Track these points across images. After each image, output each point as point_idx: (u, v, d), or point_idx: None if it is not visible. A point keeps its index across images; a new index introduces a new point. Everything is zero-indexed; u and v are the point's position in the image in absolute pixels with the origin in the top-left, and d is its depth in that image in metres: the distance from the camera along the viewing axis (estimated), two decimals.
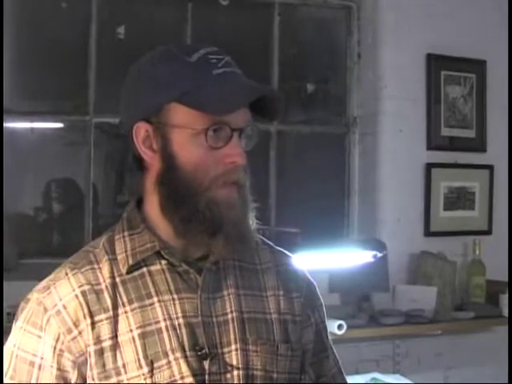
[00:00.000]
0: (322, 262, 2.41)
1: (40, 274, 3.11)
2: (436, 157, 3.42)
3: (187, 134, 1.17)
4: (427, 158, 3.41)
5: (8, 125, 2.92)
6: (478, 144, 3.52)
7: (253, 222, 1.21)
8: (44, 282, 1.24)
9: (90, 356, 1.15)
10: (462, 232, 3.46)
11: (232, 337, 1.20)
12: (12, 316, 2.61)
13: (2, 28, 2.80)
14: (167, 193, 1.19)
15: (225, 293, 1.23)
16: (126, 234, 1.24)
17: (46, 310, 1.18)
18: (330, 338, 1.40)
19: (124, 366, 1.15)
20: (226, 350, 1.19)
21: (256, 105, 1.20)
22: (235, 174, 1.18)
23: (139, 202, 1.27)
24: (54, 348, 1.16)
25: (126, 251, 1.22)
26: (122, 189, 3.29)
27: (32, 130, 2.98)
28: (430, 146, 3.41)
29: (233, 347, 1.20)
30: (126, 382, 1.14)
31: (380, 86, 3.36)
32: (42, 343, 1.17)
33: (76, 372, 1.16)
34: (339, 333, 2.79)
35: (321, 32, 3.52)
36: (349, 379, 2.78)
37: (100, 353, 1.15)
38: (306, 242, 2.37)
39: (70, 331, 1.16)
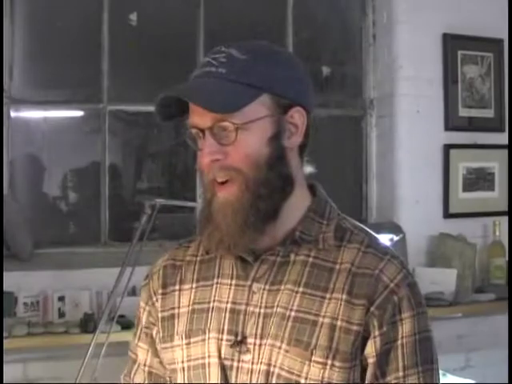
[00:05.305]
0: None
1: (56, 264, 3.10)
2: (454, 137, 3.39)
3: None
4: (445, 138, 3.38)
5: (22, 114, 2.92)
6: (497, 124, 3.48)
7: (259, 211, 1.19)
8: None
9: (158, 320, 1.32)
10: (482, 213, 3.43)
11: (269, 331, 1.21)
12: (28, 306, 2.62)
13: (2, 23, 2.79)
14: None
15: (281, 287, 1.22)
16: None
17: (146, 277, 1.37)
18: (416, 361, 1.20)
19: (175, 333, 1.29)
20: (258, 342, 1.21)
21: None
22: (211, 174, 1.20)
23: None
24: (144, 309, 1.36)
25: None
26: (141, 176, 3.28)
27: (45, 119, 2.97)
28: (448, 127, 3.38)
29: (266, 341, 1.20)
30: (170, 348, 1.29)
31: (396, 66, 3.33)
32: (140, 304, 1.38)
33: (155, 331, 1.33)
34: None
35: (335, 14, 3.49)
36: None
37: (164, 319, 1.31)
38: None
39: (150, 298, 1.34)
